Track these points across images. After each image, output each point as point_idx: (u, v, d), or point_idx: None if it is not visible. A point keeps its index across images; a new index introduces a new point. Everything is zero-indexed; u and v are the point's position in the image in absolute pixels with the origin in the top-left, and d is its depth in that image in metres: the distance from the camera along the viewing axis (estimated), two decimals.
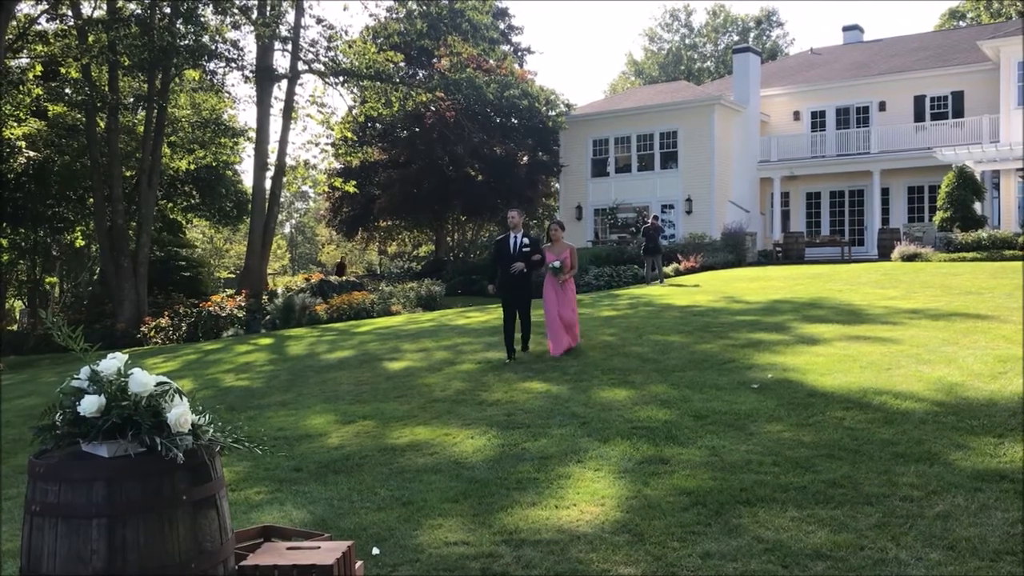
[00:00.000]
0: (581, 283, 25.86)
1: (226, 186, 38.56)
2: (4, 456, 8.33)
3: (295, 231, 78.53)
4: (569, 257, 11.29)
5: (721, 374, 9.04)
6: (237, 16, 28.14)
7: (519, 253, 11.15)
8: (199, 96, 33.64)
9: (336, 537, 4.36)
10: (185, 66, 28.23)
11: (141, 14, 26.43)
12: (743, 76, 33.41)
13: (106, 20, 26.24)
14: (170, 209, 37.80)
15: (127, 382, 3.27)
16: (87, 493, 3.17)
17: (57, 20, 27.43)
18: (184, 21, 26.45)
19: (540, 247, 11.33)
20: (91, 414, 3.19)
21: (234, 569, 3.49)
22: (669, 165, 32.73)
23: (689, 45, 67.95)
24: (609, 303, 17.66)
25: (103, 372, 3.30)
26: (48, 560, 3.17)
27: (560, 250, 11.25)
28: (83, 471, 3.20)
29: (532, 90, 35.01)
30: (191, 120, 33.50)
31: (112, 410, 3.20)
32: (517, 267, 11.06)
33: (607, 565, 4.46)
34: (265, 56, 30.01)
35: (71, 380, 3.36)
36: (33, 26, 26.82)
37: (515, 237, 11.26)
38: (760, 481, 5.62)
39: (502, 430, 7.47)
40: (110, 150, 29.01)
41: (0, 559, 5.18)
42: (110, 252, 29.34)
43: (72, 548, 3.15)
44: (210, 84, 31.87)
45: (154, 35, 25.33)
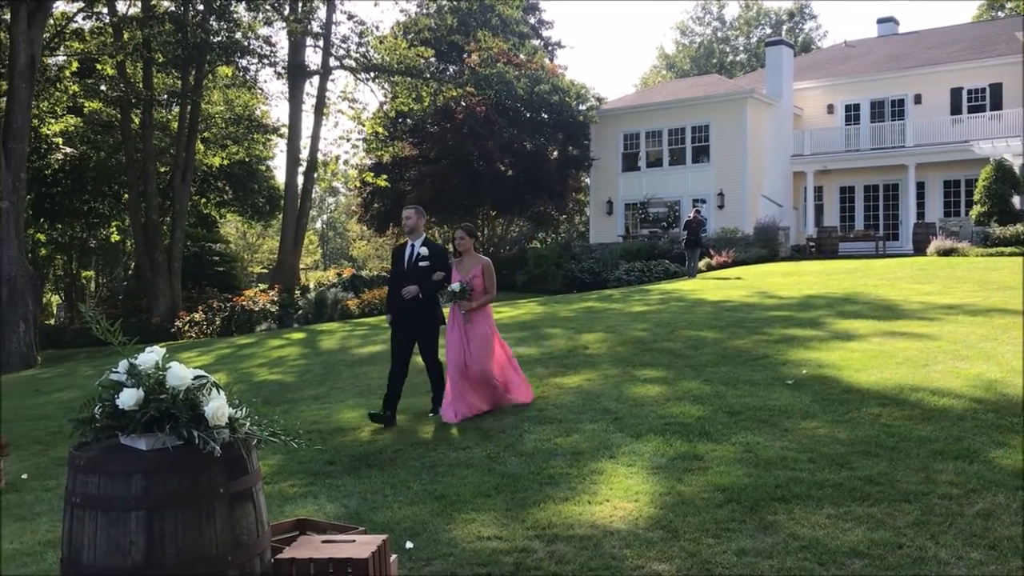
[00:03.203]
0: (611, 278, 25.84)
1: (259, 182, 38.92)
2: (44, 448, 8.45)
3: (326, 226, 79.00)
4: (481, 277, 8.14)
5: (755, 370, 8.96)
6: (269, 12, 28.35)
7: (413, 269, 8.20)
8: (232, 92, 33.94)
9: (370, 531, 4.38)
10: (218, 62, 28.51)
11: (175, 11, 26.71)
12: (776, 69, 33.09)
13: (141, 17, 26.56)
14: (204, 204, 38.20)
15: (165, 376, 3.30)
16: (126, 485, 3.20)
17: (93, 18, 27.77)
18: (217, 18, 26.70)
19: (444, 258, 8.34)
20: (130, 407, 3.23)
21: (270, 562, 3.51)
22: (701, 159, 32.52)
23: (721, 38, 67.44)
24: (640, 298, 17.59)
25: (141, 366, 3.33)
26: (88, 551, 3.21)
27: (469, 266, 8.20)
28: (122, 464, 3.24)
29: (563, 84, 34.91)
30: (224, 116, 33.83)
31: (150, 403, 3.23)
32: (407, 292, 8.07)
33: (641, 561, 4.44)
34: (297, 52, 30.20)
35: (110, 374, 3.40)
36: (70, 24, 27.16)
37: (411, 246, 8.33)
38: (795, 478, 5.57)
39: (534, 425, 7.46)
40: (144, 146, 29.37)
41: (41, 549, 5.25)
42: (145, 247, 29.72)
43: (112, 539, 3.18)
44: (243, 80, 32.14)
45: (187, 32, 25.59)
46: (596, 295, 20.39)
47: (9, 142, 19.66)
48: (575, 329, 12.96)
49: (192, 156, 29.80)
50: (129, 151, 30.13)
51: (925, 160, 29.82)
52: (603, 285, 25.36)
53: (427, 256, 8.19)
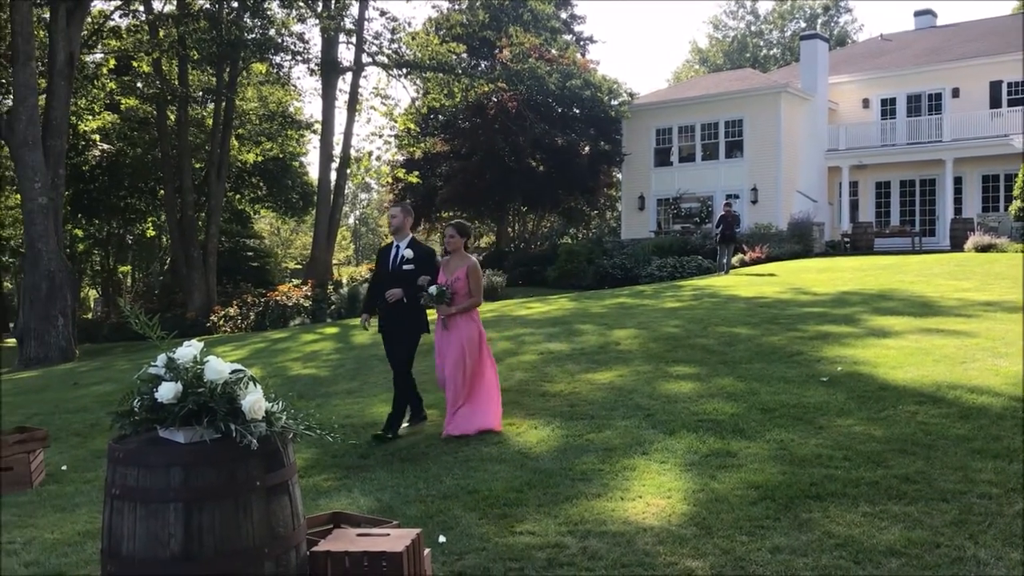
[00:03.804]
0: (643, 274, 25.74)
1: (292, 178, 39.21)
2: (82, 440, 8.59)
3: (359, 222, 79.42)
4: (464, 279, 7.43)
5: (789, 367, 8.89)
6: (303, 9, 28.53)
7: (397, 271, 7.67)
8: (266, 89, 34.23)
9: (404, 525, 4.40)
10: (252, 59, 28.77)
11: (210, 8, 26.95)
12: (810, 63, 32.74)
13: (176, 15, 26.85)
14: (238, 200, 38.57)
15: (203, 370, 3.34)
16: (165, 478, 3.25)
17: (130, 15, 28.12)
18: (251, 15, 26.93)
19: (431, 262, 7.70)
20: (168, 401, 3.27)
21: (306, 555, 3.55)
22: (734, 154, 32.27)
23: (755, 32, 66.84)
24: (672, 294, 17.51)
25: (180, 360, 3.38)
26: (128, 542, 3.26)
27: (454, 267, 7.52)
28: (160, 456, 3.29)
29: (594, 80, 34.80)
30: (258, 113, 34.12)
31: (188, 397, 3.27)
32: (391, 295, 7.55)
33: (674, 558, 4.43)
34: (330, 49, 30.36)
35: (149, 367, 3.45)
36: (107, 22, 27.51)
37: (396, 247, 7.77)
38: (830, 475, 5.52)
39: (566, 421, 7.46)
40: (180, 142, 29.70)
41: (80, 540, 5.34)
42: (180, 243, 30.07)
43: (150, 531, 3.23)
44: (276, 77, 32.40)
45: (222, 29, 25.83)
46: (628, 291, 20.32)
47: (48, 139, 19.96)
48: (607, 325, 12.93)
49: (227, 152, 30.09)
50: (165, 147, 30.50)
51: (963, 154, 29.36)
52: (635, 281, 25.26)
53: (412, 259, 7.62)
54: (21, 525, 5.77)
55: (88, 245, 43.13)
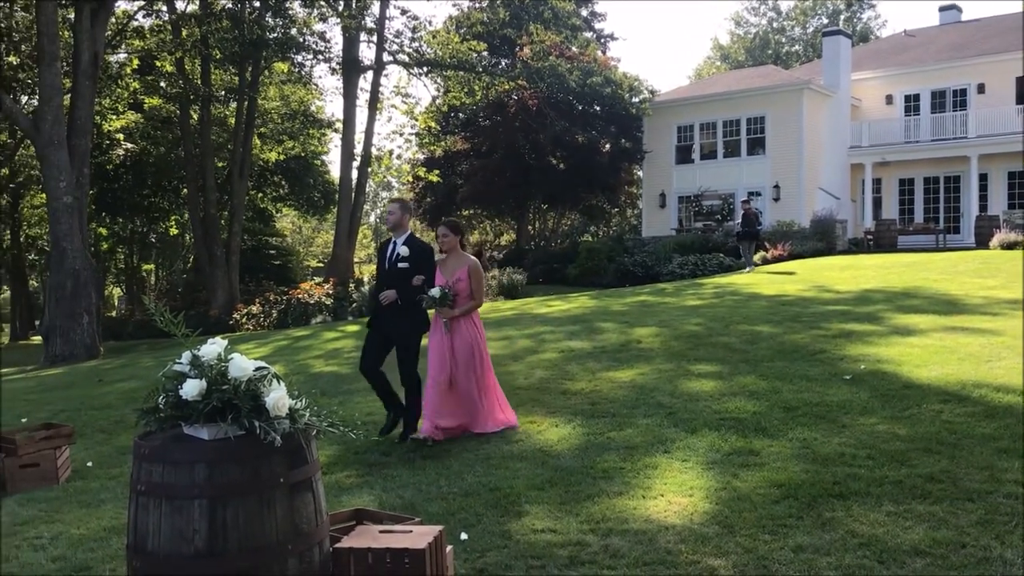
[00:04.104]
0: (664, 272, 25.65)
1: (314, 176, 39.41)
2: (107, 437, 8.67)
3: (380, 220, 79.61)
4: (466, 280, 7.17)
5: (811, 365, 8.84)
6: (324, 8, 28.63)
7: (392, 269, 7.31)
8: (287, 88, 34.40)
9: (426, 522, 4.42)
10: (274, 58, 28.92)
11: (232, 8, 27.10)
12: (833, 60, 32.51)
13: (199, 14, 27.03)
14: (260, 199, 38.80)
15: (227, 367, 3.37)
16: (189, 474, 3.28)
17: (153, 15, 28.33)
18: (273, 14, 27.05)
19: (427, 259, 7.30)
20: (193, 397, 3.30)
21: (329, 551, 3.57)
22: (756, 151, 32.11)
23: (777, 29, 66.45)
24: (694, 292, 17.45)
25: (204, 357, 3.41)
26: (153, 538, 3.29)
27: (453, 267, 7.23)
28: (185, 453, 3.32)
29: (615, 77, 34.71)
30: (280, 112, 34.29)
31: (213, 394, 3.30)
32: (384, 298, 7.26)
33: (696, 556, 4.41)
34: (351, 48, 30.47)
35: (173, 365, 3.47)
36: (130, 22, 27.74)
37: (393, 243, 7.41)
38: (853, 474, 5.48)
39: (587, 419, 7.45)
40: (203, 142, 29.90)
41: (106, 535, 5.39)
42: (203, 241, 30.27)
43: (175, 527, 3.26)
44: (298, 76, 32.56)
45: (244, 28, 25.97)
46: (649, 289, 20.27)
47: (73, 138, 20.14)
48: (628, 323, 12.91)
49: (249, 151, 30.27)
50: (188, 147, 30.72)
51: (988, 151, 29.07)
52: (656, 279, 25.18)
53: (406, 256, 7.23)
54: (48, 520, 5.84)
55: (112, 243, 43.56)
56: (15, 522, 5.86)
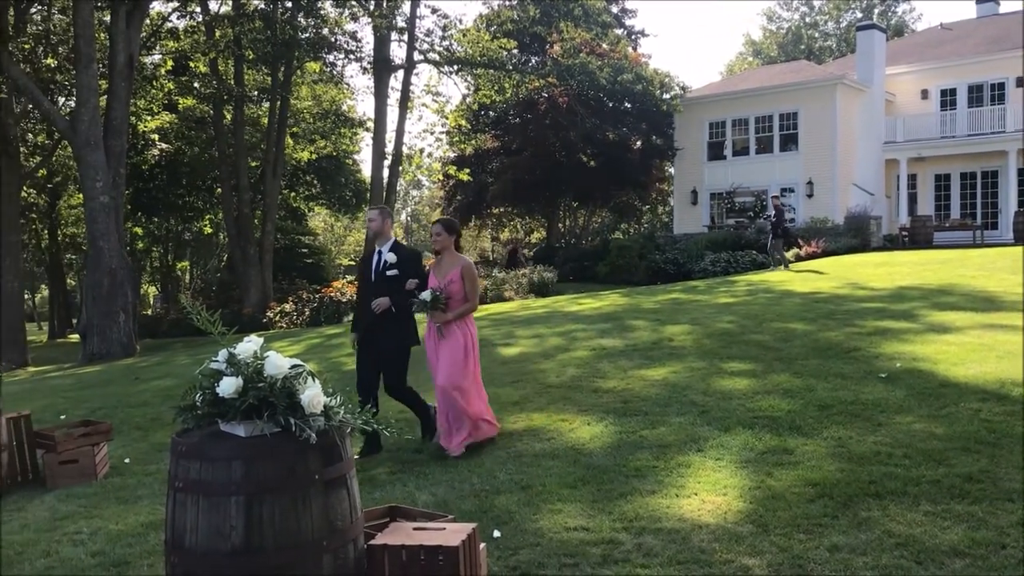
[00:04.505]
0: (696, 269, 25.50)
1: (345, 175, 39.63)
2: (144, 434, 8.78)
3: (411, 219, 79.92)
4: (459, 282, 6.84)
5: (846, 363, 8.75)
6: (355, 8, 28.77)
7: (381, 279, 7.09)
8: (319, 88, 34.60)
9: (458, 519, 4.43)
10: (306, 58, 29.10)
11: (264, 8, 27.32)
12: (867, 54, 32.13)
13: (232, 15, 27.25)
14: (293, 198, 39.08)
15: (263, 364, 3.40)
16: (226, 471, 3.31)
17: (187, 17, 28.62)
18: (305, 14, 27.21)
19: (417, 264, 7.15)
20: (229, 395, 3.33)
21: (363, 548, 3.59)
22: (789, 147, 31.82)
23: (809, 24, 65.78)
24: (726, 290, 17.34)
25: (240, 355, 3.44)
26: (191, 534, 3.33)
27: (447, 269, 6.89)
28: (222, 450, 3.35)
29: (646, 74, 34.56)
30: (312, 111, 34.51)
31: (249, 391, 3.33)
32: (377, 305, 6.98)
33: (731, 555, 4.39)
34: (382, 47, 30.58)
35: (210, 362, 3.51)
36: (165, 23, 28.05)
37: (378, 252, 7.20)
38: (890, 474, 5.42)
39: (619, 417, 7.43)
40: (236, 141, 30.16)
41: (143, 531, 5.46)
42: (237, 240, 30.55)
43: (212, 524, 3.29)
44: (330, 76, 32.74)
45: (277, 29, 26.16)
46: (680, 286, 20.17)
47: (109, 139, 20.40)
48: (659, 321, 12.85)
49: (282, 151, 30.49)
50: (222, 146, 31.02)
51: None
52: (688, 276, 25.05)
53: (395, 263, 7.00)
54: (87, 516, 5.93)
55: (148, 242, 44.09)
56: (55, 517, 5.96)
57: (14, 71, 21.01)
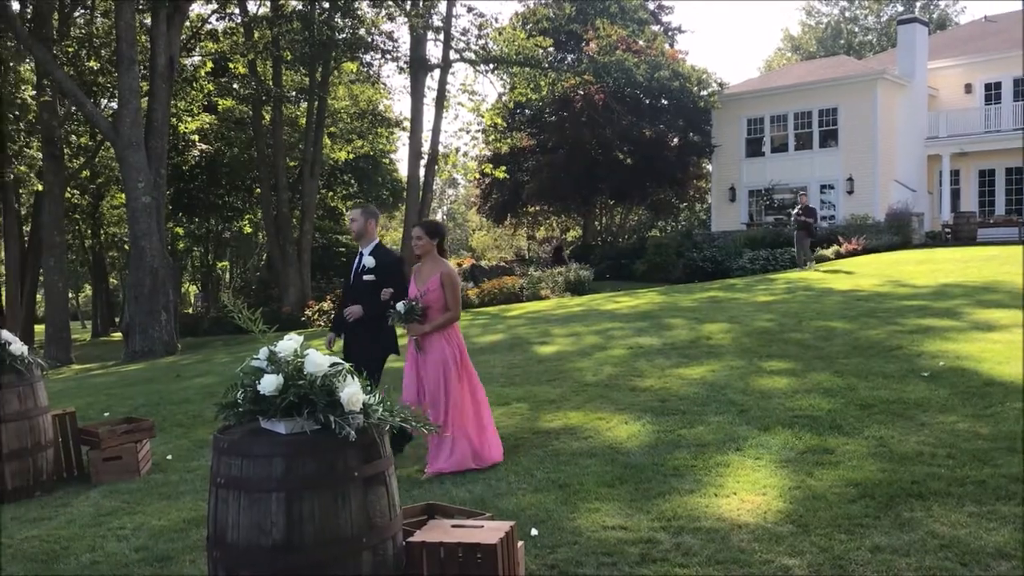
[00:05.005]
0: (734, 267, 25.29)
1: (382, 175, 39.87)
2: (185, 431, 8.90)
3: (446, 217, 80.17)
4: (439, 290, 6.26)
5: (888, 361, 8.63)
6: (392, 8, 28.89)
7: (359, 283, 6.78)
8: (356, 88, 34.81)
9: (496, 517, 4.43)
10: (343, 59, 29.28)
11: (302, 10, 27.53)
12: (909, 48, 31.66)
13: (270, 16, 27.48)
14: (331, 197, 39.39)
15: (303, 362, 3.43)
16: (267, 468, 3.35)
17: (226, 18, 28.92)
18: (342, 15, 27.38)
19: (396, 271, 6.80)
20: (270, 392, 3.37)
21: (402, 545, 3.61)
22: (828, 143, 31.46)
23: (849, 18, 64.91)
24: (765, 288, 17.18)
25: (281, 353, 3.47)
26: (232, 530, 3.37)
27: (427, 276, 6.35)
28: (263, 447, 3.39)
29: (683, 70, 34.34)
30: (349, 111, 34.73)
31: (289, 389, 3.36)
32: (349, 313, 6.70)
33: (770, 555, 4.35)
34: (418, 46, 30.68)
35: (251, 360, 3.55)
36: (204, 25, 28.37)
37: (360, 254, 6.93)
38: (933, 474, 5.34)
39: (656, 416, 7.40)
40: (275, 142, 30.44)
41: (186, 527, 5.53)
42: (276, 239, 30.84)
43: (253, 520, 3.33)
44: (366, 76, 32.92)
45: (314, 30, 26.34)
46: (718, 284, 20.03)
47: (150, 140, 20.69)
48: (697, 319, 12.77)
49: (319, 150, 30.72)
50: (260, 147, 31.32)
51: None
52: (726, 274, 24.87)
53: (372, 268, 6.65)
54: (130, 512, 6.02)
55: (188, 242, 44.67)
56: (99, 513, 6.06)
57: (58, 74, 21.38)
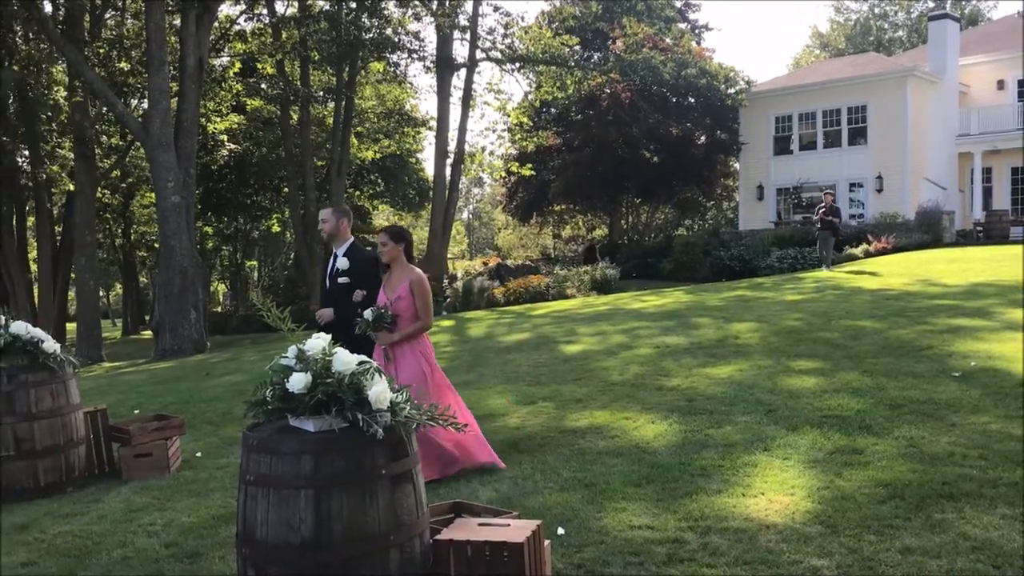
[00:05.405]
0: (762, 266, 25.12)
1: (409, 174, 39.98)
2: (215, 428, 8.98)
3: (472, 216, 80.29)
4: (407, 298, 6.01)
5: (918, 361, 8.54)
6: (418, 8, 28.98)
7: (334, 286, 6.55)
8: (383, 87, 34.94)
9: (522, 516, 4.43)
10: (370, 58, 29.39)
11: (329, 10, 27.68)
12: (939, 45, 31.29)
13: (298, 17, 27.65)
14: (358, 197, 39.56)
15: (331, 361, 3.45)
16: (295, 465, 3.38)
17: (254, 19, 29.15)
18: (369, 15, 27.50)
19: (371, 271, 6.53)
20: (299, 390, 3.40)
21: (429, 543, 3.62)
22: (857, 141, 31.16)
23: (879, 14, 64.28)
24: (793, 287, 17.06)
25: (309, 351, 3.50)
26: (261, 527, 3.40)
27: (396, 283, 6.11)
28: (292, 444, 3.42)
29: (710, 68, 34.16)
30: (376, 111, 34.86)
31: (318, 387, 3.39)
32: (320, 316, 6.52)
33: (799, 556, 4.32)
34: (444, 46, 30.78)
35: (280, 358, 3.58)
36: (233, 26, 28.60)
37: (334, 256, 6.72)
38: (965, 475, 5.28)
39: (683, 416, 7.37)
40: (302, 141, 30.63)
41: (215, 524, 5.58)
42: (303, 238, 31.05)
43: (282, 517, 3.36)
44: (393, 75, 33.03)
45: (341, 30, 26.47)
46: (746, 283, 19.91)
47: (180, 140, 20.89)
48: (725, 318, 12.70)
49: (346, 150, 30.88)
50: (288, 146, 31.54)
51: None
52: (753, 273, 24.71)
53: (346, 269, 6.42)
54: (160, 508, 6.08)
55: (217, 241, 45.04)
56: (130, 509, 6.13)
57: (90, 75, 21.63)
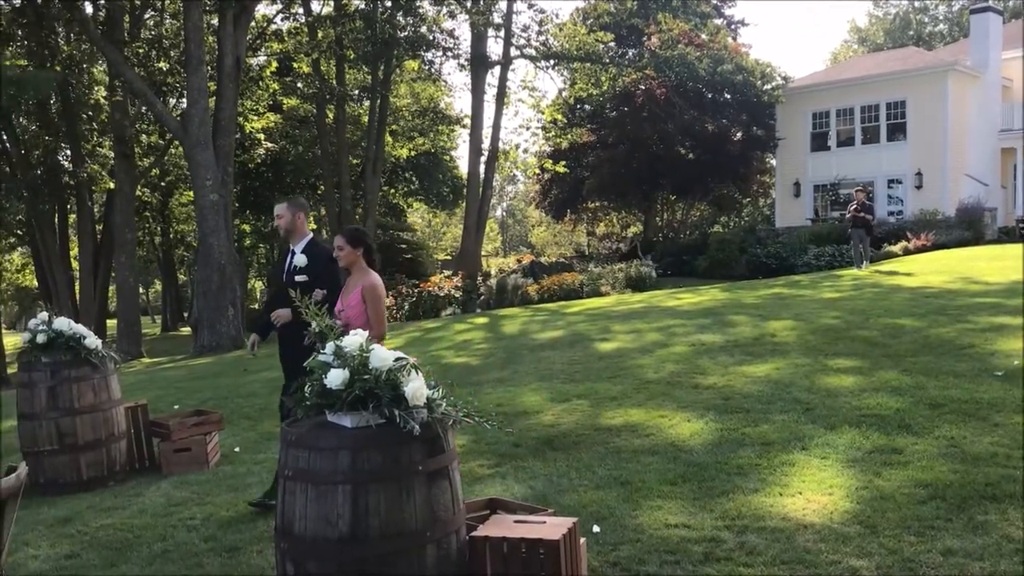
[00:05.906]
0: (799, 264, 24.87)
1: (443, 172, 40.09)
2: (252, 423, 9.07)
3: (506, 214, 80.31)
4: (359, 306, 5.29)
5: (959, 360, 8.41)
6: (453, 6, 29.03)
7: (291, 284, 5.92)
8: (418, 85, 35.06)
9: (558, 513, 4.44)
10: (405, 57, 29.52)
11: (365, 9, 27.83)
12: (981, 38, 30.76)
13: (333, 16, 27.84)
14: (392, 195, 39.76)
15: (368, 357, 3.47)
16: (333, 460, 3.40)
17: (290, 19, 29.38)
18: (404, 13, 27.61)
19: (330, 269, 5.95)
20: (336, 387, 3.43)
21: (465, 539, 3.63)
22: (896, 137, 30.73)
23: (919, 8, 63.34)
24: (831, 284, 16.88)
25: (347, 348, 3.53)
26: (299, 522, 3.43)
27: (351, 288, 5.43)
28: (330, 440, 3.44)
29: (746, 64, 33.85)
30: (411, 109, 35.00)
31: (355, 383, 3.42)
32: (278, 316, 6.08)
33: (837, 556, 4.28)
34: (479, 44, 30.80)
35: (318, 355, 3.61)
36: (269, 25, 28.85)
37: (291, 253, 6.27)
38: (1008, 476, 5.20)
39: (719, 414, 7.32)
40: (338, 140, 30.83)
41: (252, 518, 5.64)
42: None
43: (320, 512, 3.39)
44: (428, 73, 33.13)
45: (376, 28, 26.61)
46: (783, 281, 19.73)
47: (218, 139, 21.12)
48: (761, 316, 12.60)
49: (382, 148, 31.03)
50: (324, 145, 31.77)
51: None
52: (790, 271, 24.49)
53: (304, 267, 6.04)
54: (199, 502, 6.16)
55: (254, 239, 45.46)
56: (170, 503, 6.22)
57: (129, 75, 21.93)
